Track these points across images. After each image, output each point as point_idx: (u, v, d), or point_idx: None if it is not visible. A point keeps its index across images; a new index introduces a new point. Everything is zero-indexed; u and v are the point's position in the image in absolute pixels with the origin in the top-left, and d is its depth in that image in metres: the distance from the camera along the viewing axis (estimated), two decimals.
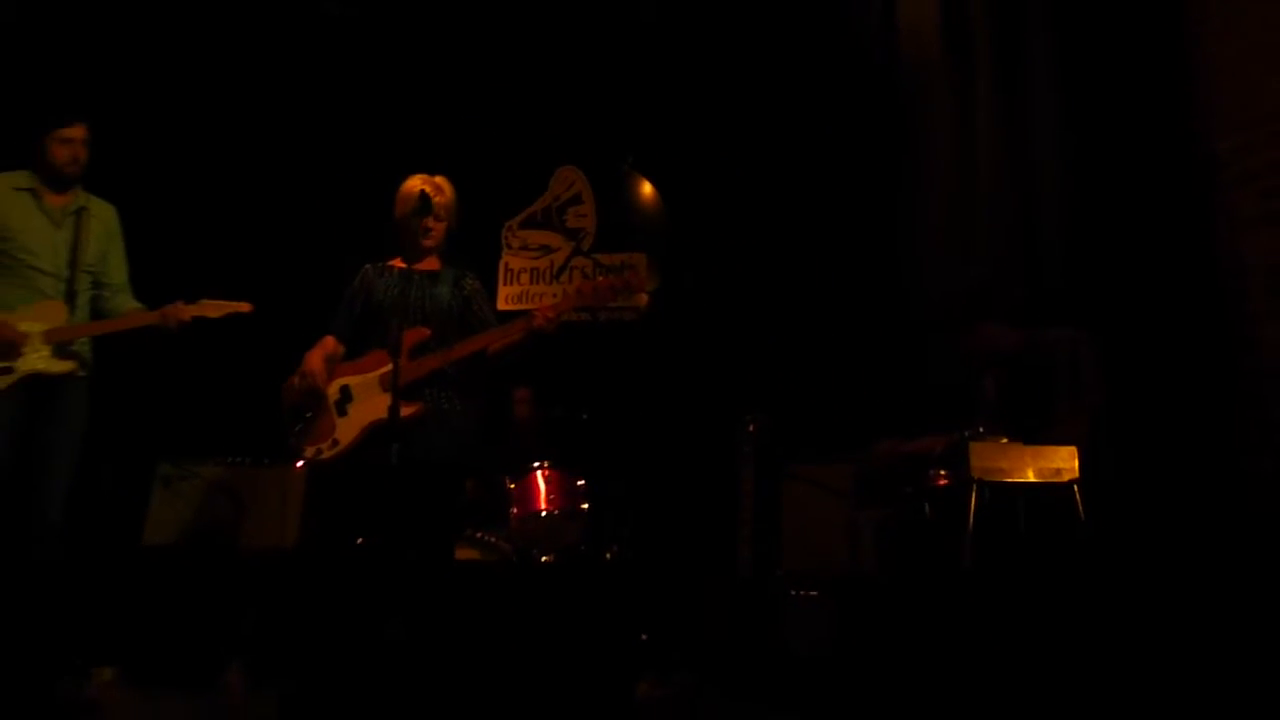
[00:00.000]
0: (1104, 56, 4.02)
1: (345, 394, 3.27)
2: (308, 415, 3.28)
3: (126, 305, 3.78)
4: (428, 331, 3.23)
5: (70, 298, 3.60)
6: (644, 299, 5.58)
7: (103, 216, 3.79)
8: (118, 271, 3.80)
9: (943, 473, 3.41)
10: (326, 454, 3.22)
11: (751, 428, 4.41)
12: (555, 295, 5.83)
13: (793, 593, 4.16)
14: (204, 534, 4.65)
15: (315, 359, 3.28)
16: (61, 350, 3.54)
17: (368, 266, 3.44)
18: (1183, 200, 3.76)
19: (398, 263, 3.42)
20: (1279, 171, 3.48)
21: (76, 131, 3.68)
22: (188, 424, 5.06)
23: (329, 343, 3.37)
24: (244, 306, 3.76)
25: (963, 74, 4.62)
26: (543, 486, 4.64)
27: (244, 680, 4.06)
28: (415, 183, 3.37)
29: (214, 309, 3.71)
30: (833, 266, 5.00)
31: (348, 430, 3.23)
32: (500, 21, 5.71)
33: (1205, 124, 3.75)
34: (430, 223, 3.36)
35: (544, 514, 4.59)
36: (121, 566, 4.62)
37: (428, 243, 3.39)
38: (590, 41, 5.70)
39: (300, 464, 4.66)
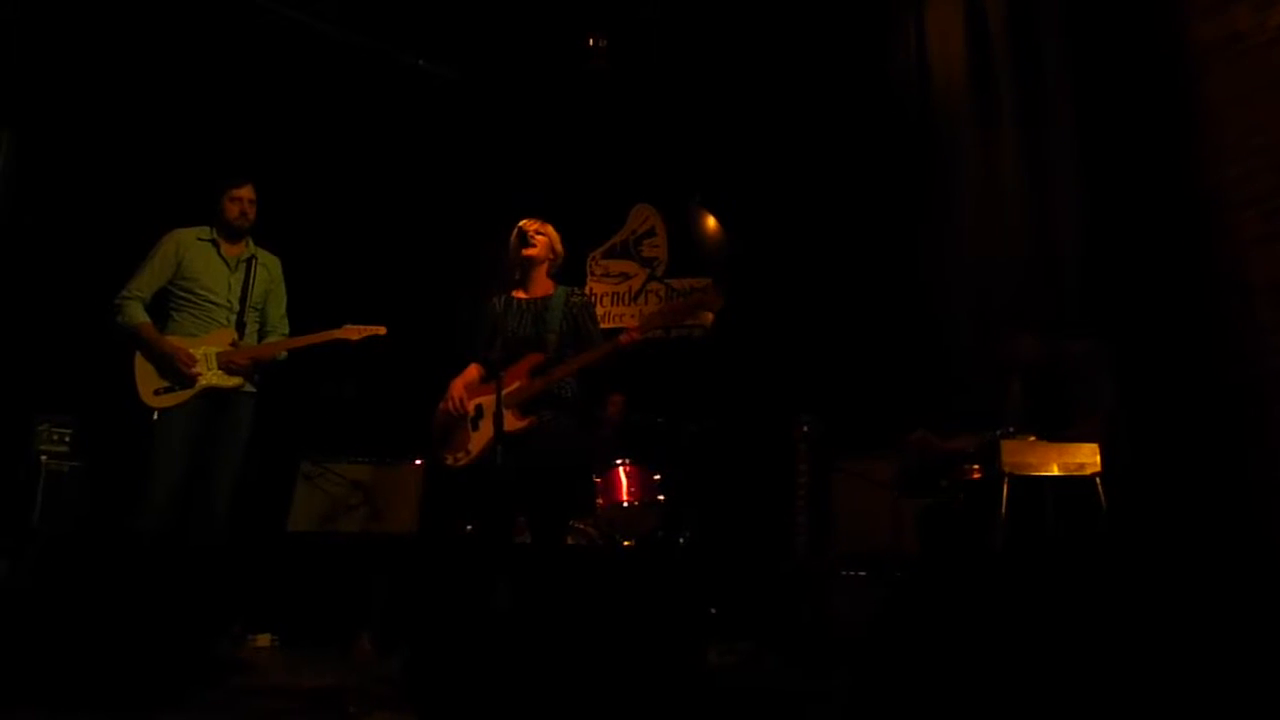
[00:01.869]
0: (1117, 90, 3.93)
1: (479, 412, 3.38)
2: (451, 431, 3.40)
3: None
4: (541, 356, 3.33)
5: (240, 328, 3.77)
6: (710, 318, 5.57)
7: (269, 265, 3.97)
8: (276, 313, 3.98)
9: (975, 468, 3.36)
10: (462, 462, 3.36)
11: (804, 428, 4.38)
12: (634, 316, 5.87)
13: (843, 573, 4.12)
14: (339, 522, 4.77)
15: (458, 386, 3.43)
16: (230, 369, 3.69)
17: (494, 299, 3.53)
18: (1191, 223, 3.65)
19: (519, 293, 3.51)
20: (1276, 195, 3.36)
21: (245, 191, 3.88)
22: (327, 429, 5.19)
23: (471, 370, 3.49)
24: (380, 330, 3.88)
25: (987, 105, 4.56)
26: (624, 480, 4.67)
27: (374, 646, 4.15)
28: (519, 224, 3.50)
29: (355, 332, 3.85)
30: (874, 286, 4.95)
31: (478, 442, 3.34)
32: (581, 86, 5.79)
33: (1211, 152, 3.64)
34: (529, 252, 3.46)
35: (625, 504, 4.61)
36: (271, 550, 4.76)
37: (530, 264, 3.48)
38: (659, 98, 5.75)
39: (419, 462, 4.79)
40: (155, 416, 3.62)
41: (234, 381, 3.72)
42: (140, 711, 2.66)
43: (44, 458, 4.40)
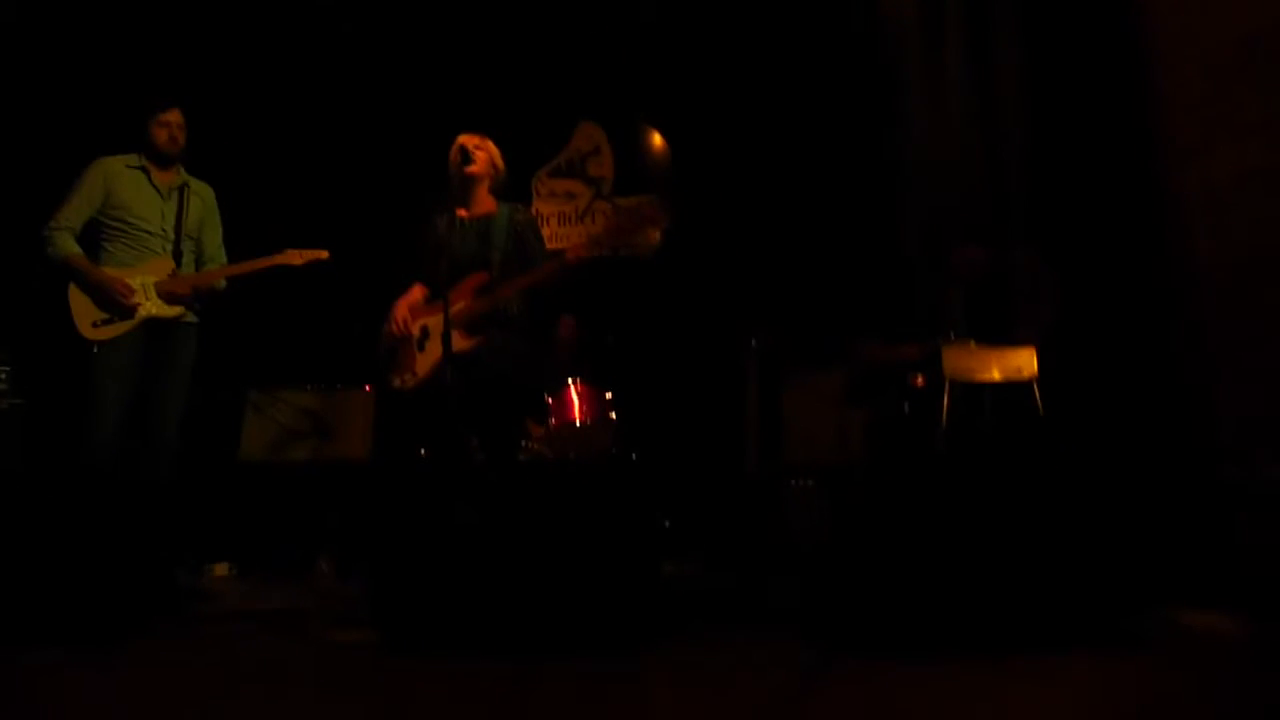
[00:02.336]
0: (1064, 6, 3.96)
1: (424, 333, 3.34)
2: (398, 353, 3.36)
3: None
4: (485, 275, 3.29)
5: (177, 257, 3.67)
6: (656, 236, 5.55)
7: (202, 194, 3.86)
8: (212, 242, 3.88)
9: (919, 376, 3.44)
10: (409, 384, 3.33)
11: (754, 343, 4.43)
12: (581, 236, 5.83)
13: (792, 483, 4.23)
14: (291, 450, 4.74)
15: (402, 307, 3.39)
16: (171, 298, 3.61)
17: (436, 218, 3.47)
18: (1132, 133, 3.71)
19: (461, 212, 3.45)
20: (1213, 104, 3.43)
21: (173, 116, 3.74)
22: (274, 356, 5.12)
23: (415, 291, 3.44)
24: (322, 254, 3.82)
25: (934, 15, 4.57)
26: (576, 399, 4.69)
27: (332, 569, 4.18)
28: (457, 140, 3.41)
29: (298, 257, 3.77)
30: (822, 202, 4.97)
31: (424, 363, 3.31)
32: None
33: (1152, 62, 3.68)
34: (471, 169, 3.40)
35: (578, 423, 4.65)
36: (223, 480, 4.73)
37: (471, 182, 3.43)
38: (605, 14, 5.62)
39: (369, 387, 4.77)
40: (95, 349, 3.53)
41: (174, 311, 3.64)
42: (104, 643, 2.66)
43: None
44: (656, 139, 5.96)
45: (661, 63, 5.61)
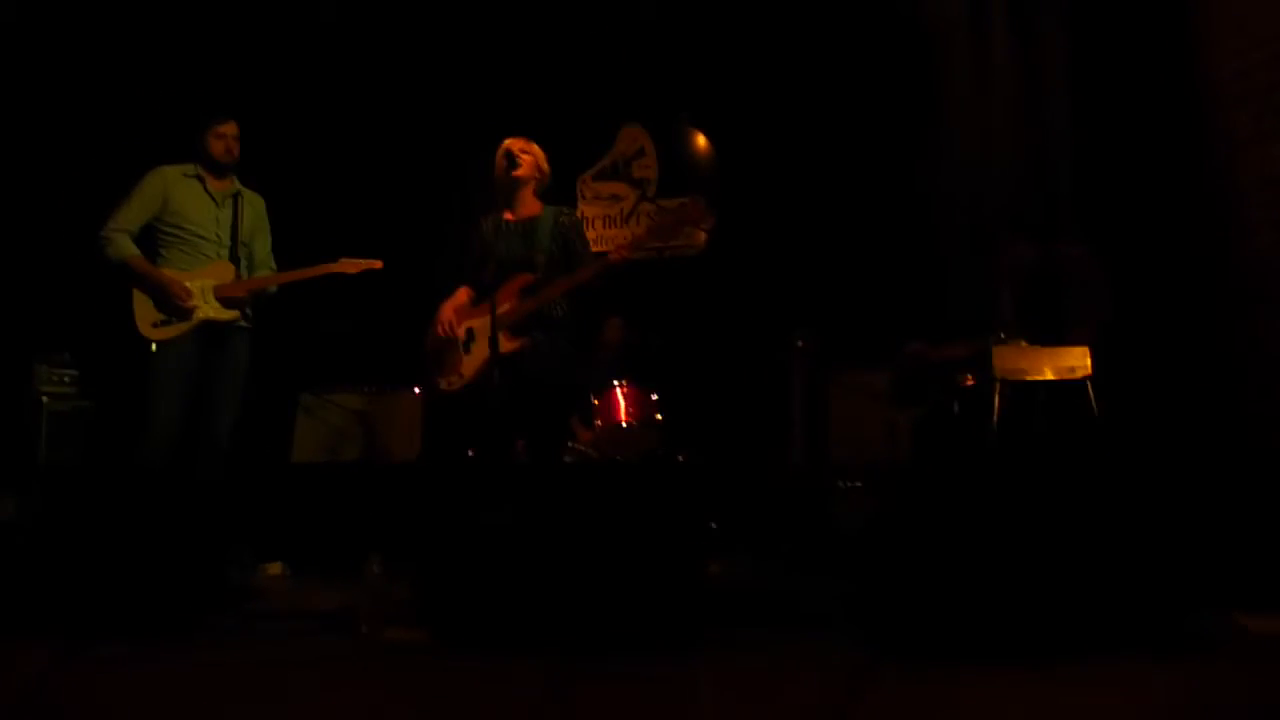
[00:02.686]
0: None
1: (470, 335, 3.38)
2: (444, 355, 3.39)
3: None
4: (531, 276, 3.32)
5: (235, 263, 3.75)
6: (702, 237, 5.55)
7: (254, 203, 3.94)
8: (262, 249, 3.97)
9: (968, 375, 3.39)
10: (455, 385, 3.37)
11: (800, 343, 4.40)
12: (625, 237, 5.85)
13: (839, 483, 4.19)
14: (341, 452, 4.82)
15: (448, 310, 3.42)
16: (228, 303, 3.69)
17: (481, 221, 3.50)
18: (1183, 124, 3.62)
19: (507, 214, 3.48)
20: (1271, 93, 3.33)
21: (229, 128, 3.82)
22: (324, 360, 5.21)
23: (461, 294, 3.47)
24: (377, 264, 3.87)
25: (980, 8, 4.49)
26: (622, 401, 4.70)
27: (383, 568, 4.22)
28: (504, 144, 3.44)
29: (352, 266, 3.83)
30: (867, 199, 4.92)
31: (470, 365, 3.35)
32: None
33: (1204, 52, 3.59)
34: (516, 172, 3.42)
35: (624, 425, 4.65)
36: (276, 482, 4.82)
37: (517, 185, 3.45)
38: (647, 15, 5.63)
39: (418, 390, 4.83)
40: (153, 348, 3.62)
41: (231, 315, 3.73)
42: (158, 638, 2.73)
43: (45, 398, 4.42)
44: (700, 140, 5.95)
45: (704, 63, 5.60)
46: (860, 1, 5.05)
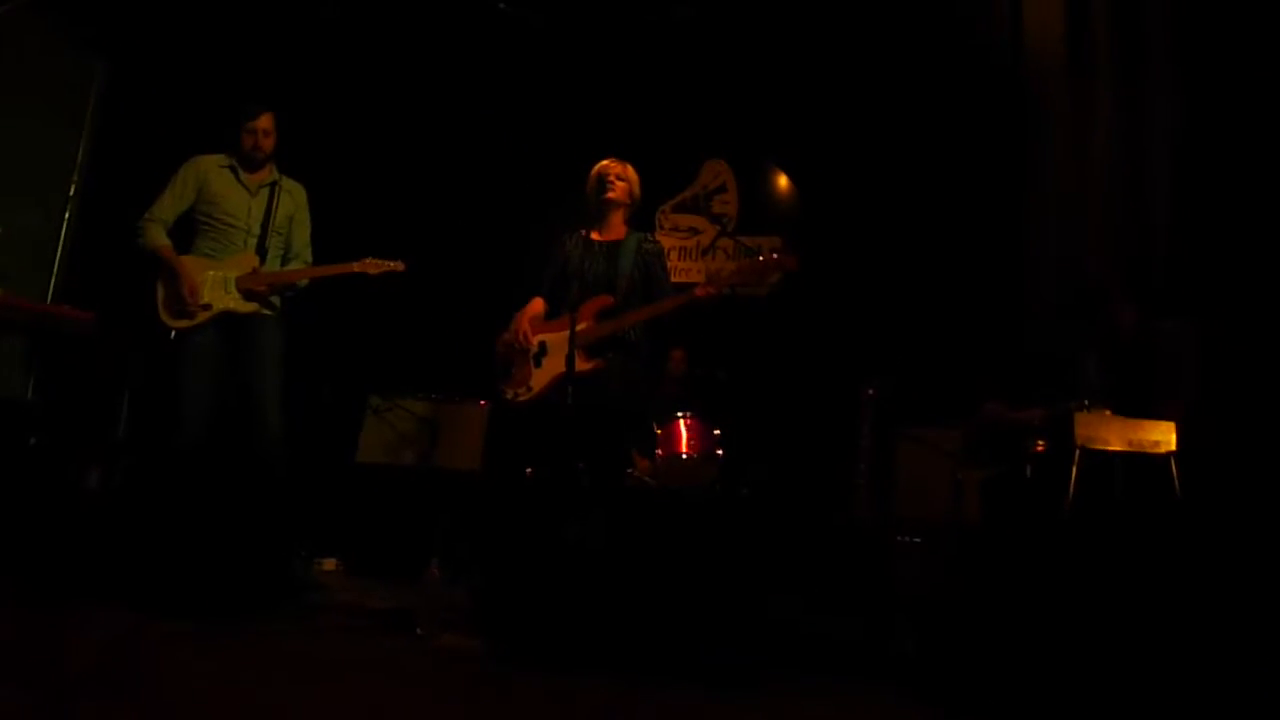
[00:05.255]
0: (1220, 55, 3.79)
1: (542, 348, 3.38)
2: (513, 364, 3.41)
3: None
4: (610, 299, 3.32)
5: (262, 253, 3.81)
6: (778, 278, 5.55)
7: (293, 192, 3.97)
8: (300, 239, 3.97)
9: (1040, 441, 3.33)
10: (522, 397, 3.37)
11: (871, 392, 4.37)
12: (700, 272, 5.88)
13: (900, 538, 4.13)
14: (404, 456, 4.89)
15: (523, 319, 3.42)
16: (249, 294, 3.75)
17: (565, 236, 3.53)
18: None
19: (593, 234, 3.50)
20: None
21: (260, 122, 3.85)
22: (396, 364, 5.30)
23: (536, 304, 3.48)
24: (399, 266, 3.86)
25: (1082, 66, 4.39)
26: (684, 433, 4.70)
27: (442, 573, 4.27)
28: (600, 164, 3.48)
29: (374, 267, 3.83)
30: (953, 252, 4.89)
31: (540, 379, 3.35)
32: (661, 36, 5.76)
33: None
34: (609, 195, 3.46)
35: (684, 456, 4.65)
36: (338, 480, 4.91)
37: (608, 207, 3.48)
38: (741, 53, 5.69)
39: (484, 402, 4.89)
40: (173, 335, 3.67)
41: (250, 307, 3.74)
42: (223, 619, 2.79)
43: (128, 378, 4.56)
44: (783, 180, 5.98)
45: (793, 102, 5.63)
46: (958, 53, 5.03)
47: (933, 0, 5.15)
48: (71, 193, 5.14)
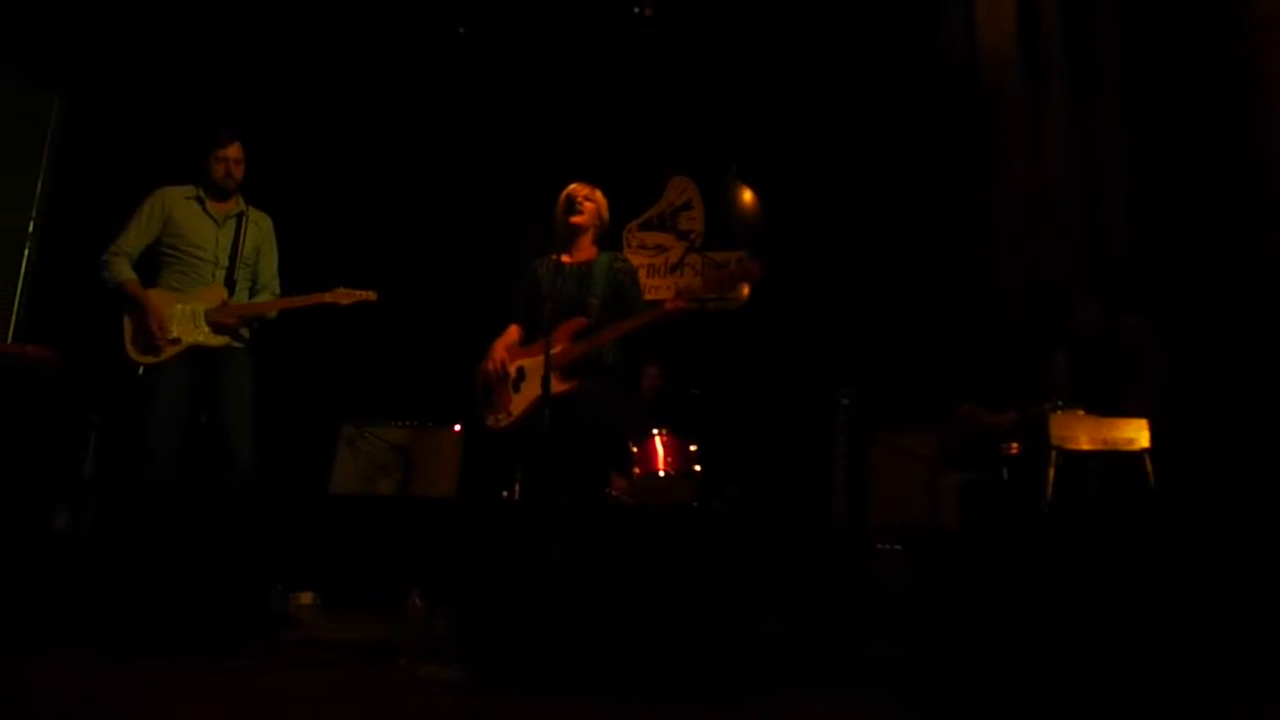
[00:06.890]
0: (1169, 60, 3.87)
1: (520, 374, 3.39)
2: (493, 392, 3.41)
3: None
4: (584, 321, 3.33)
5: (230, 285, 3.76)
6: (746, 290, 5.56)
7: (260, 223, 3.94)
8: (267, 270, 3.94)
9: (1015, 444, 3.35)
10: (504, 423, 3.37)
11: (844, 400, 4.38)
12: (670, 288, 5.87)
13: (879, 546, 4.13)
14: (379, 484, 4.83)
15: (499, 348, 3.44)
16: (218, 328, 3.69)
17: (536, 262, 3.54)
18: (1243, 191, 3.60)
19: (564, 258, 3.51)
20: None
21: (230, 151, 3.82)
22: (368, 392, 5.24)
23: (512, 332, 3.50)
24: (370, 296, 3.84)
25: (1036, 71, 4.47)
26: (661, 450, 4.68)
27: (424, 602, 4.19)
28: (568, 188, 3.49)
29: (345, 297, 3.81)
30: (920, 258, 4.92)
31: (519, 404, 3.35)
32: (621, 56, 5.79)
33: (1269, 117, 3.57)
34: (576, 219, 3.46)
35: (661, 474, 4.63)
36: (312, 511, 4.83)
37: (576, 231, 3.49)
38: (699, 69, 5.72)
39: (458, 427, 4.85)
40: (140, 371, 3.61)
41: (219, 340, 3.70)
42: (198, 657, 2.73)
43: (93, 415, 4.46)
44: (747, 194, 6.00)
45: (754, 116, 5.66)
46: (917, 61, 5.09)
47: (887, 5, 5.20)
48: (30, 229, 5.04)
